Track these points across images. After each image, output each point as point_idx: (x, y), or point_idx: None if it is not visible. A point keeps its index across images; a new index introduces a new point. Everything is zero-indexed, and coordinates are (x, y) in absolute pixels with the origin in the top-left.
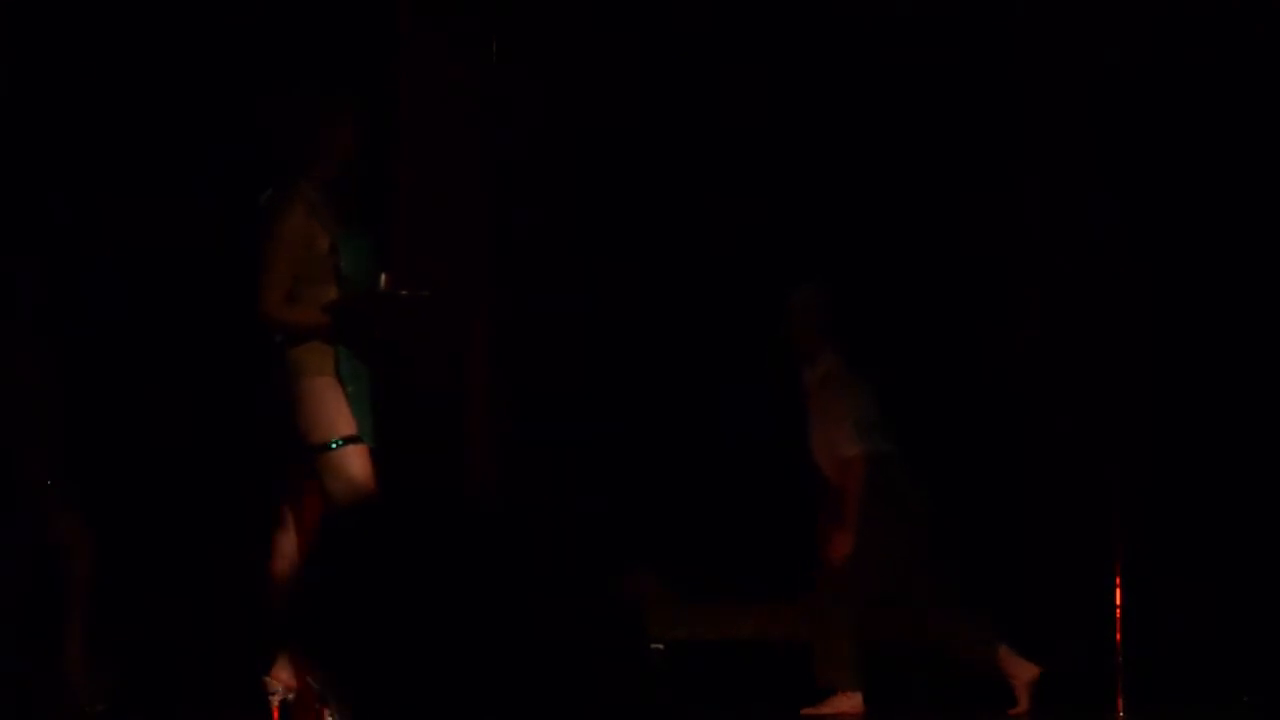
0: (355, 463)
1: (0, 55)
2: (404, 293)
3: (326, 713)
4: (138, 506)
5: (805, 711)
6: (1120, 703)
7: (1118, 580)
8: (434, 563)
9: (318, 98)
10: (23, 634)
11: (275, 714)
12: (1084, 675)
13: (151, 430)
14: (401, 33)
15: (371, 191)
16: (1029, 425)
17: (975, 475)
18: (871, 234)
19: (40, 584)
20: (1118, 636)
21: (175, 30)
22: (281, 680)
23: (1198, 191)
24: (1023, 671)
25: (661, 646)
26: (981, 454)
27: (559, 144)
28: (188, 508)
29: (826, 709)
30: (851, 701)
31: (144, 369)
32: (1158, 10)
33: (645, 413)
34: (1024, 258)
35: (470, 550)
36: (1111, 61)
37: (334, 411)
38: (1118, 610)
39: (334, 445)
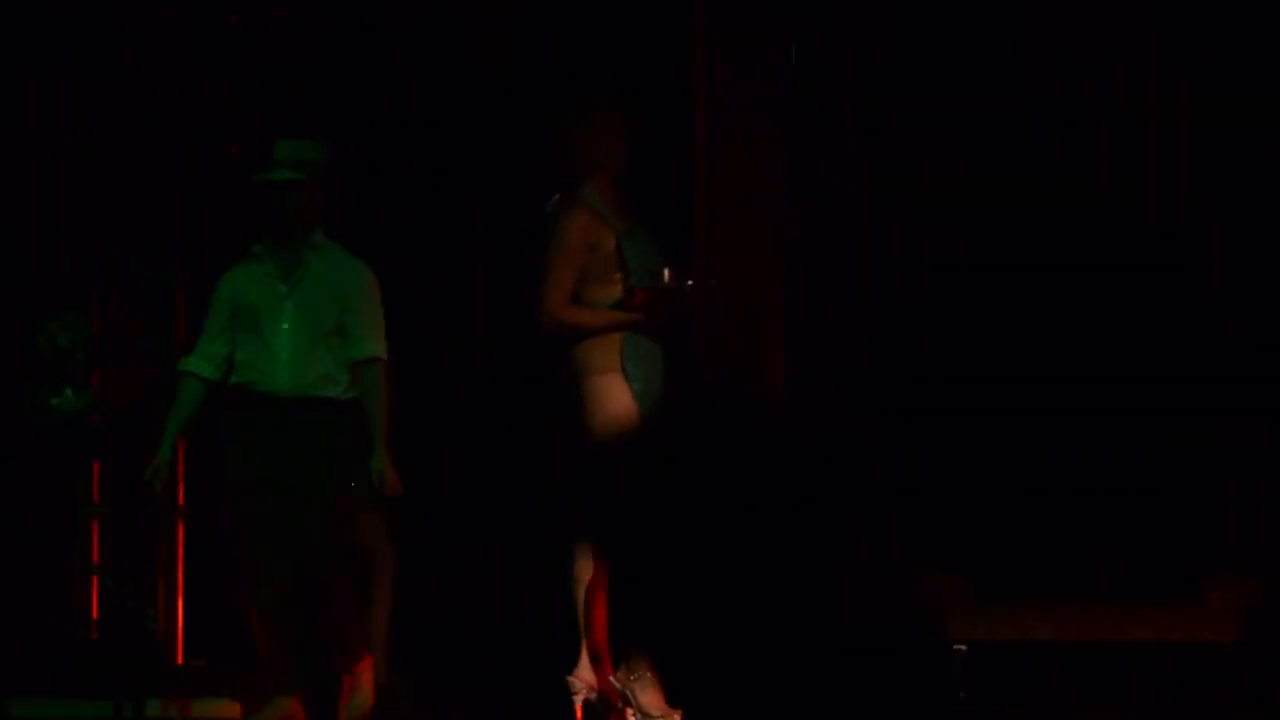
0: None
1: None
2: (690, 283)
3: (629, 713)
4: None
5: None
6: None
7: None
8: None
9: (592, 108)
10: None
11: (579, 713)
12: None
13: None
14: (698, 32)
15: (669, 188)
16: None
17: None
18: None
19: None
20: None
21: (472, 36)
22: (584, 680)
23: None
24: None
25: (964, 648)
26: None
27: (856, 147)
28: (494, 513)
29: None
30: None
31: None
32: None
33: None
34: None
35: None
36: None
37: (620, 409)
38: None
39: None
